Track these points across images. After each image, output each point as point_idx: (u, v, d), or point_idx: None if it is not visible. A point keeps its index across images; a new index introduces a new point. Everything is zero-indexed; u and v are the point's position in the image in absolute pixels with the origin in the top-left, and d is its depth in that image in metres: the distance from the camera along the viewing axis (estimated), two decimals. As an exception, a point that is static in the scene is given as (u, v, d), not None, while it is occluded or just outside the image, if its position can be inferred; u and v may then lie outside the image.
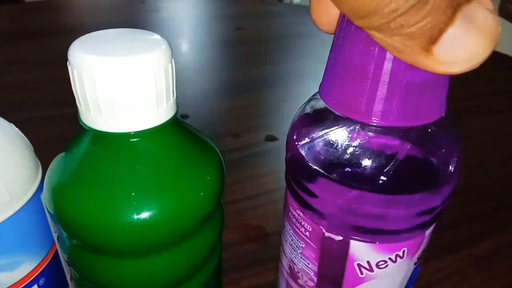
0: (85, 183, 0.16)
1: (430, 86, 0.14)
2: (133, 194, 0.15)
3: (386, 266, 0.17)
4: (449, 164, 0.16)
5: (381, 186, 0.15)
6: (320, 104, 0.17)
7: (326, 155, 0.16)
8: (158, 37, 0.15)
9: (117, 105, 0.14)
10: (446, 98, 0.15)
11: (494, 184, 0.39)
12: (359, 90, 0.14)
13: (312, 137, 0.16)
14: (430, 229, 0.17)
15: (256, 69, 0.61)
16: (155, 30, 0.16)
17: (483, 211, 0.35)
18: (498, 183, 0.39)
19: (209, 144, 0.18)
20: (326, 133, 0.16)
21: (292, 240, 0.18)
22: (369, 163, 0.15)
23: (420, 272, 0.19)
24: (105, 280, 0.17)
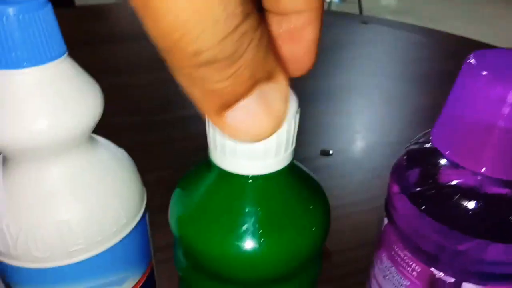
0: (208, 216, 0.17)
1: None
2: (250, 230, 0.16)
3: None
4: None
5: (505, 236, 0.15)
6: (432, 152, 0.17)
7: (449, 206, 0.16)
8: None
9: (240, 151, 0.15)
10: None
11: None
12: (491, 146, 0.15)
13: (428, 186, 0.17)
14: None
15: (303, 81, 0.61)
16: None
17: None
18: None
19: (319, 187, 0.19)
20: (448, 184, 0.17)
21: (393, 277, 0.19)
22: (493, 213, 0.16)
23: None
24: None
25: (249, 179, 0.16)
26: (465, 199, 0.16)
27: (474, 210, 0.16)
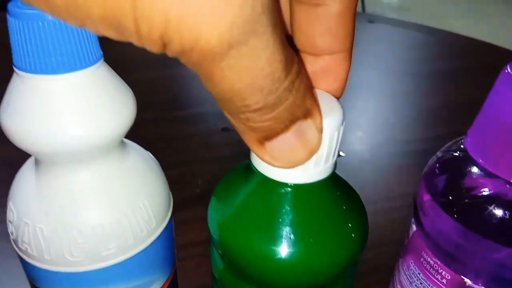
0: (249, 221, 0.17)
1: None
2: (288, 237, 0.16)
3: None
4: None
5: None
6: (465, 160, 0.17)
7: (483, 216, 0.17)
8: (333, 98, 0.16)
9: None
10: None
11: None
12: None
13: (462, 195, 0.17)
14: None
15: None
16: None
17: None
18: None
19: (358, 198, 0.19)
20: (481, 193, 0.17)
21: (421, 283, 0.20)
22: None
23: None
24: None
25: (290, 187, 0.16)
26: (498, 208, 0.16)
27: (508, 219, 0.16)
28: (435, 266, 0.19)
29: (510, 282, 0.17)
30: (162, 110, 0.52)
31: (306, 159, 0.15)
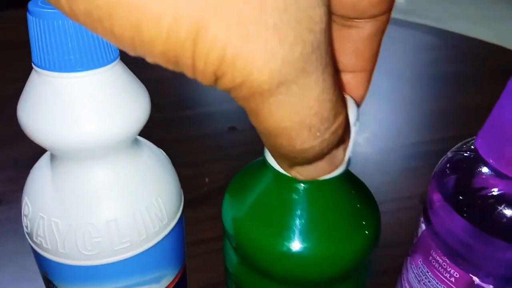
0: (264, 216, 0.17)
1: None
2: (302, 232, 0.17)
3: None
4: None
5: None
6: (475, 161, 0.18)
7: (493, 215, 0.17)
8: (346, 96, 0.16)
9: None
10: None
11: None
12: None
13: (472, 195, 0.17)
14: None
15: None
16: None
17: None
18: None
19: (370, 195, 0.19)
20: (492, 193, 0.17)
21: (429, 282, 0.20)
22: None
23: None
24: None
25: (305, 183, 0.16)
26: (508, 208, 0.17)
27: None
28: (444, 265, 0.19)
29: (519, 281, 0.17)
30: (170, 110, 0.52)
31: (329, 174, 0.15)
